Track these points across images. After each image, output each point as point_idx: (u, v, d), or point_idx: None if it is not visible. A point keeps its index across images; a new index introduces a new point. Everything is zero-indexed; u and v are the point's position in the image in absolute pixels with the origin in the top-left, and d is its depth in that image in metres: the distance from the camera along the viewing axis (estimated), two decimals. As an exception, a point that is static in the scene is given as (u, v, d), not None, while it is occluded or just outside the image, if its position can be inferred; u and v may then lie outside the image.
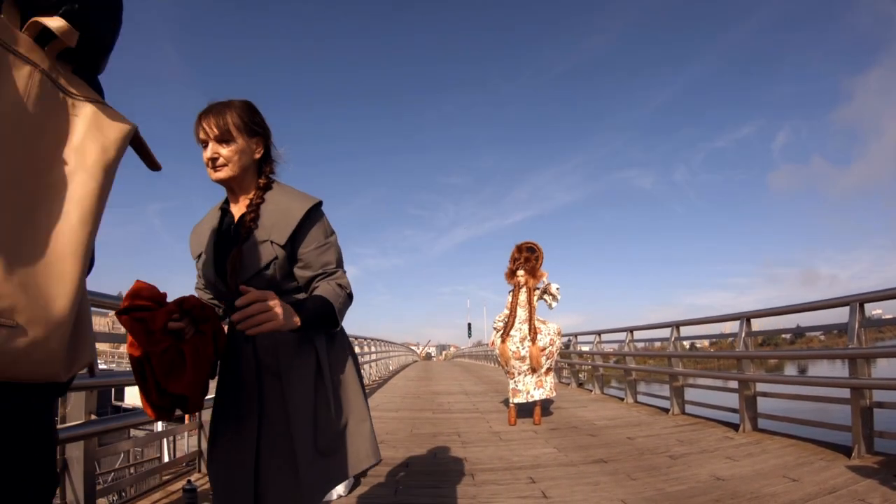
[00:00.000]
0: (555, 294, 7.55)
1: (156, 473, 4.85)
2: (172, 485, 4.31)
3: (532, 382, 7.44)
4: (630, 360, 10.24)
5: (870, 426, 4.92)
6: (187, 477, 4.42)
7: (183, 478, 4.44)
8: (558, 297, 7.56)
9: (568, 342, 13.82)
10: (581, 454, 5.50)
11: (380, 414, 8.72)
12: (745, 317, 6.85)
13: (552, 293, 7.55)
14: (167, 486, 4.31)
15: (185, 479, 4.20)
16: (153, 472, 4.96)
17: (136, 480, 4.87)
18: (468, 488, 4.31)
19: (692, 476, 4.55)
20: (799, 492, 3.98)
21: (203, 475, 4.67)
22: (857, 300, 5.21)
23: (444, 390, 13.46)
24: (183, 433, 6.74)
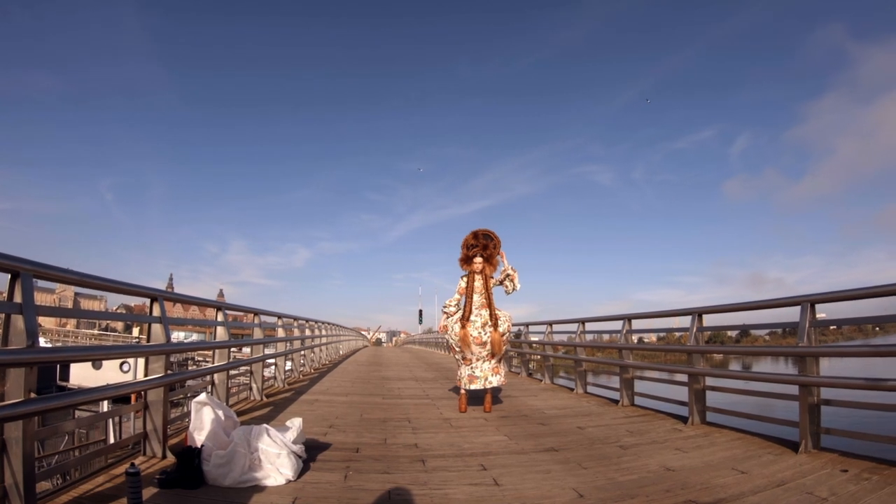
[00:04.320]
0: (516, 284, 7.52)
1: (100, 455, 4.67)
2: (116, 468, 4.14)
3: (490, 369, 7.42)
4: (581, 351, 10.28)
5: (817, 423, 5.00)
6: (131, 460, 4.26)
7: (127, 460, 4.27)
8: (518, 286, 7.54)
9: (519, 332, 13.83)
10: (532, 442, 5.49)
11: (329, 398, 8.63)
12: (697, 312, 6.88)
13: (514, 281, 7.53)
14: (111, 468, 4.14)
15: (129, 461, 4.04)
16: (98, 455, 4.79)
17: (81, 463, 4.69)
18: (419, 475, 4.26)
19: (643, 466, 4.57)
20: (748, 484, 4.02)
21: (148, 458, 4.52)
22: (808, 300, 5.28)
23: (394, 376, 13.40)
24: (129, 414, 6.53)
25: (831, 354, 5.65)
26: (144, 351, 4.84)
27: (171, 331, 4.91)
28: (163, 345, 4.78)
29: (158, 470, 4.04)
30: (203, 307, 7.44)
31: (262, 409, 7.29)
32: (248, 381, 8.57)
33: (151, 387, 4.60)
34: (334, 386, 10.61)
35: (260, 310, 9.04)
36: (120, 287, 4.64)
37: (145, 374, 4.72)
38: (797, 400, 5.14)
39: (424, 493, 3.81)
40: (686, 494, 3.80)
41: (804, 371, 5.13)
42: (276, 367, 10.51)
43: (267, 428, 4.22)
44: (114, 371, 19.45)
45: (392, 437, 5.65)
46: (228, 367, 6.72)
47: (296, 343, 11.91)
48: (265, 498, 3.65)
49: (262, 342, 8.90)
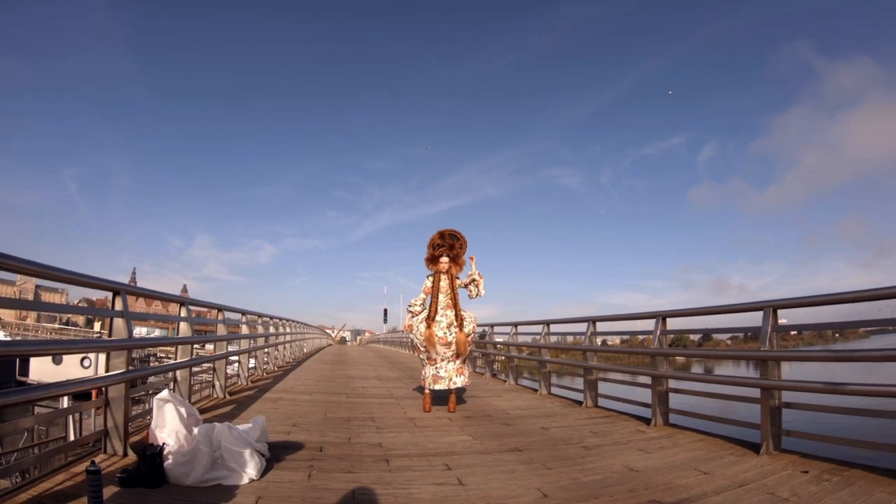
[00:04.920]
0: (480, 289, 7.51)
1: (61, 453, 4.55)
2: (77, 466, 4.03)
3: (454, 369, 7.40)
4: (545, 352, 10.29)
5: (778, 425, 5.07)
6: (92, 458, 4.14)
7: (88, 458, 4.15)
8: (482, 291, 7.53)
9: (484, 332, 13.82)
10: (496, 442, 5.48)
11: (293, 396, 8.55)
12: (660, 316, 6.95)
13: (479, 287, 7.51)
14: (71, 466, 4.03)
15: (89, 459, 3.93)
16: (58, 452, 4.66)
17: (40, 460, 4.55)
18: (383, 474, 4.23)
19: (606, 466, 4.59)
20: (710, 484, 4.06)
21: (109, 456, 4.40)
22: (770, 306, 5.36)
23: (358, 375, 13.33)
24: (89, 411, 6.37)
25: (792, 359, 5.77)
26: (105, 346, 4.72)
27: (133, 326, 4.80)
28: (124, 340, 4.67)
29: (119, 468, 3.93)
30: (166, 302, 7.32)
31: (225, 407, 7.19)
32: (211, 378, 8.44)
33: (112, 383, 4.49)
34: (298, 384, 10.51)
35: (224, 306, 8.92)
36: (82, 280, 4.51)
37: (106, 370, 4.60)
38: (759, 403, 5.21)
39: (389, 492, 3.77)
40: (649, 494, 3.81)
41: (766, 374, 5.19)
42: (240, 365, 10.37)
43: (230, 426, 4.15)
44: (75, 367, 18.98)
45: (356, 437, 5.59)
46: (191, 363, 6.59)
47: (260, 340, 11.79)
48: (228, 497, 3.58)
49: (226, 339, 8.78)
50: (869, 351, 4.61)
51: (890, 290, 4.61)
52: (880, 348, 4.54)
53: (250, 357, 10.97)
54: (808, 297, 5.39)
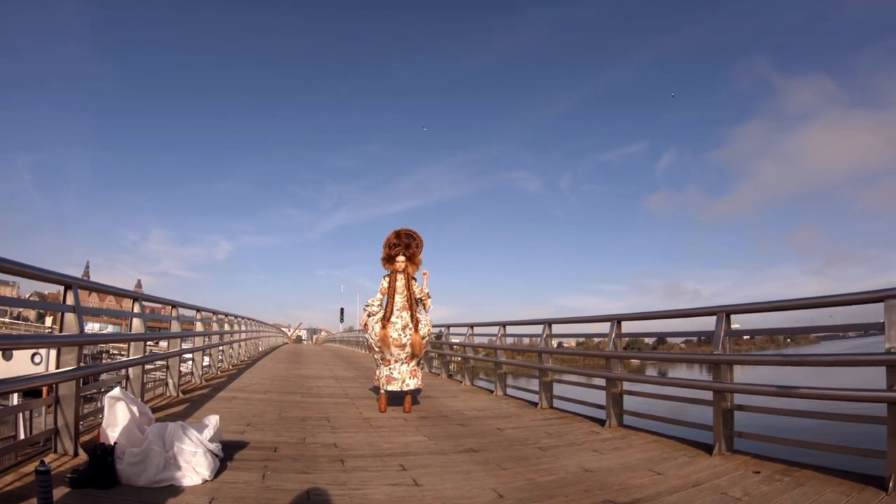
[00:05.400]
0: (427, 306, 7.50)
1: (9, 452, 4.39)
2: (26, 465, 3.88)
3: (408, 371, 7.35)
4: (501, 353, 10.29)
5: (730, 426, 5.15)
6: (42, 457, 3.99)
7: (37, 458, 4.00)
8: (429, 308, 7.52)
9: (440, 333, 13.80)
10: (452, 443, 5.47)
11: (247, 395, 8.42)
12: (616, 319, 7.00)
13: (426, 304, 7.50)
14: (20, 466, 3.88)
15: (39, 459, 3.77)
16: (6, 451, 4.47)
17: (-11, 460, 4.35)
18: (338, 474, 4.18)
19: (561, 467, 4.60)
20: (664, 484, 4.10)
21: (59, 456, 4.26)
22: (723, 311, 5.44)
23: (313, 374, 13.22)
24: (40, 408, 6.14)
25: (745, 362, 5.86)
26: (56, 341, 4.57)
27: (85, 321, 4.64)
28: (76, 336, 4.53)
29: (70, 468, 3.78)
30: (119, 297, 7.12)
31: (178, 406, 7.04)
32: (165, 376, 8.27)
33: (63, 380, 4.35)
34: (253, 383, 10.35)
35: (178, 302, 8.73)
36: (33, 273, 4.36)
37: (57, 367, 4.44)
38: (712, 405, 5.29)
39: (343, 493, 3.72)
40: (604, 495, 3.83)
41: (719, 377, 5.27)
42: (194, 363, 10.23)
43: (183, 425, 4.05)
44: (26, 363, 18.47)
45: (311, 437, 5.52)
46: (144, 360, 6.45)
47: (214, 338, 11.64)
48: (181, 498, 3.49)
49: (180, 336, 8.63)
50: (819, 356, 4.72)
51: (839, 298, 4.74)
52: (830, 353, 4.65)
53: (205, 355, 10.82)
54: (761, 303, 5.50)
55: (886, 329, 4.02)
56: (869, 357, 4.20)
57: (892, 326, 4.00)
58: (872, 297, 4.30)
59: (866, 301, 4.41)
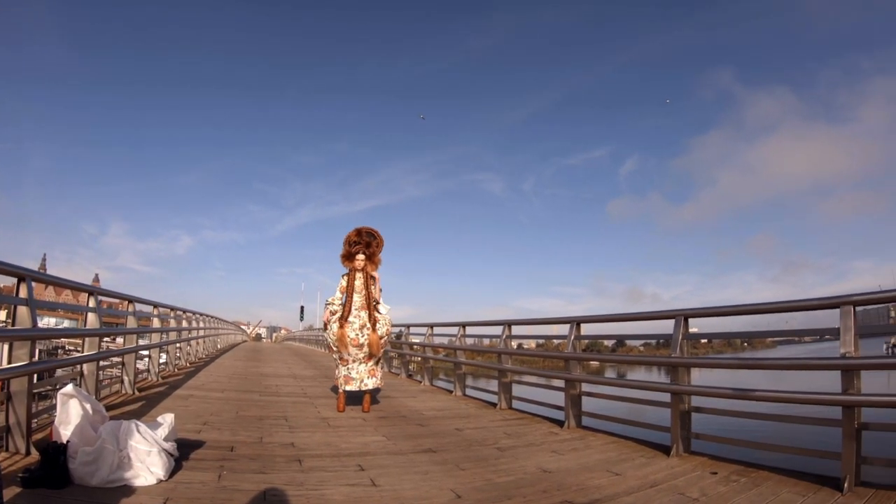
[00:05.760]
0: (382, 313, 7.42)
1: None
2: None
3: (366, 371, 7.27)
4: (461, 354, 10.28)
5: (688, 428, 5.21)
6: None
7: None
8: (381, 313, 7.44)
9: (400, 333, 13.75)
10: (410, 443, 5.43)
11: (205, 394, 8.28)
12: (575, 321, 7.03)
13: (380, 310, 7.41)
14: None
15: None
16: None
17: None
18: (295, 475, 4.10)
19: (520, 468, 4.59)
20: (622, 485, 4.12)
21: (10, 454, 4.11)
22: (682, 315, 5.50)
23: (272, 373, 13.08)
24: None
25: (702, 365, 5.91)
26: (8, 336, 4.39)
27: (38, 315, 4.48)
28: (28, 330, 4.41)
29: (21, 468, 3.65)
30: (76, 291, 6.88)
31: (133, 404, 6.89)
32: (121, 373, 8.08)
33: (14, 375, 4.21)
34: (210, 381, 10.18)
35: (135, 297, 8.54)
36: (-15, 264, 4.18)
37: (8, 362, 4.28)
38: (669, 407, 5.33)
39: (301, 493, 3.66)
40: (562, 495, 3.82)
41: (676, 380, 5.33)
42: (151, 360, 10.01)
43: (137, 424, 3.94)
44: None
45: (268, 436, 5.43)
46: (99, 356, 6.30)
47: (172, 335, 11.42)
48: (135, 499, 3.39)
49: (137, 332, 8.46)
50: (777, 359, 4.77)
51: (797, 304, 4.83)
52: (787, 357, 4.72)
53: (162, 352, 10.64)
54: (719, 307, 5.58)
55: (842, 334, 4.10)
56: (825, 361, 4.29)
57: (847, 332, 4.08)
58: (829, 304, 4.39)
59: (823, 307, 4.50)
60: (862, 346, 4.14)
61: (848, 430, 3.92)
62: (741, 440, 4.87)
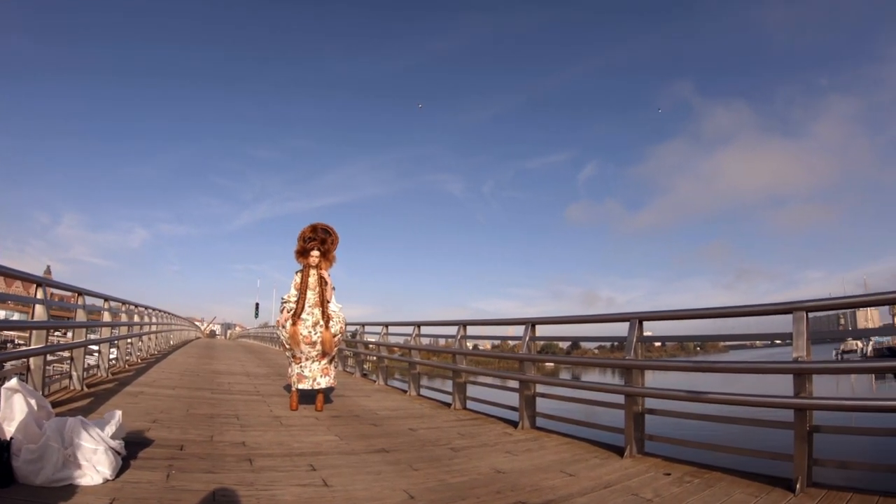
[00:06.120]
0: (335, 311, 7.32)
1: None
2: None
3: (319, 370, 7.16)
4: (415, 353, 10.26)
5: (641, 429, 5.25)
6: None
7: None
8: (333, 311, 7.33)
9: (355, 332, 13.65)
10: (363, 443, 5.36)
11: (155, 391, 8.08)
12: (530, 322, 7.05)
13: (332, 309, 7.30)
14: None
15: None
16: None
17: None
18: (246, 474, 4.01)
19: (473, 468, 4.57)
20: (576, 485, 4.13)
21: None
22: (636, 318, 5.56)
23: (225, 370, 12.89)
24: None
25: (656, 368, 5.99)
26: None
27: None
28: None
29: None
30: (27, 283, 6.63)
31: (81, 401, 6.68)
32: (69, 368, 7.85)
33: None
34: (162, 378, 9.96)
35: (86, 290, 8.29)
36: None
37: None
38: (623, 408, 5.36)
39: (251, 493, 3.57)
40: (516, 496, 3.81)
41: (630, 382, 5.38)
42: (100, 355, 9.77)
43: (83, 421, 3.80)
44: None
45: (219, 435, 5.31)
46: (46, 350, 6.10)
47: (123, 329, 11.21)
48: (81, 498, 3.26)
49: (86, 326, 8.25)
50: (732, 363, 4.85)
51: (750, 309, 4.91)
52: (742, 361, 4.78)
53: (112, 347, 10.40)
54: (673, 310, 5.65)
55: (794, 339, 4.19)
56: (778, 365, 4.35)
57: (799, 337, 4.16)
58: (782, 309, 4.48)
59: (776, 312, 4.59)
60: (813, 351, 4.22)
61: (800, 433, 4.00)
62: (694, 442, 4.93)
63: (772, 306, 4.67)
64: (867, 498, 3.69)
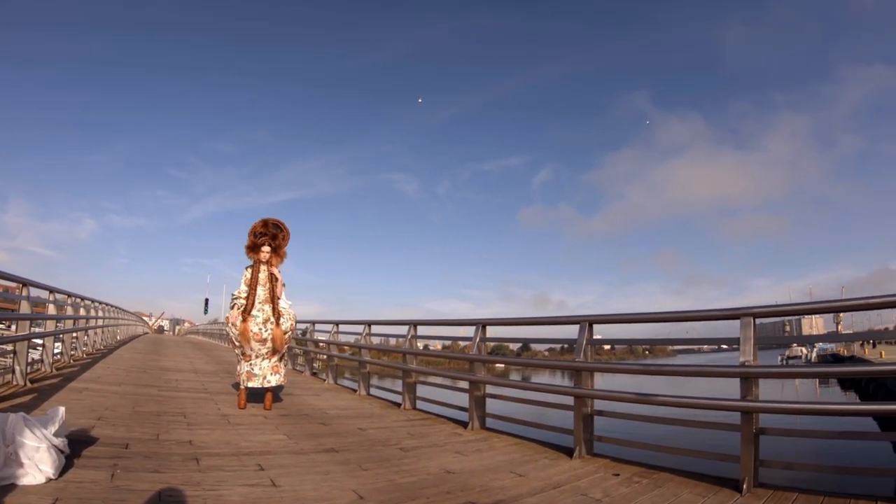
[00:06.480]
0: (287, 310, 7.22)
1: None
2: None
3: (269, 367, 7.06)
4: (366, 353, 10.20)
5: (590, 431, 5.30)
6: None
7: None
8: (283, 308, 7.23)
9: (305, 330, 13.50)
10: (312, 442, 5.32)
11: (101, 387, 7.85)
12: (481, 323, 7.06)
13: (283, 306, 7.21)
14: None
15: None
16: None
17: None
18: (192, 474, 3.93)
19: (423, 468, 4.57)
20: (526, 486, 4.15)
21: None
22: (586, 320, 5.62)
23: (173, 367, 12.64)
24: None
25: (605, 370, 6.06)
26: None
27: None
28: None
29: None
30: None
31: (24, 396, 6.48)
32: (11, 362, 7.59)
33: None
34: (108, 374, 9.72)
35: (30, 281, 7.99)
36: None
37: None
38: (573, 410, 5.40)
39: (197, 493, 3.50)
40: (465, 496, 3.81)
41: (580, 384, 5.41)
42: (45, 349, 9.47)
43: (25, 417, 3.67)
44: None
45: (165, 433, 5.20)
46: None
47: (69, 323, 10.85)
48: (22, 499, 3.15)
49: (31, 318, 7.97)
50: (681, 366, 4.92)
51: (699, 314, 5.03)
52: (688, 364, 4.87)
53: (57, 341, 10.17)
54: (623, 314, 5.75)
55: (742, 344, 4.29)
56: (726, 369, 4.43)
57: (746, 342, 4.27)
58: (730, 315, 4.57)
59: (724, 317, 4.68)
60: (759, 356, 4.32)
61: (746, 435, 4.09)
62: (643, 443, 4.99)
63: (720, 312, 4.76)
64: (812, 498, 3.78)
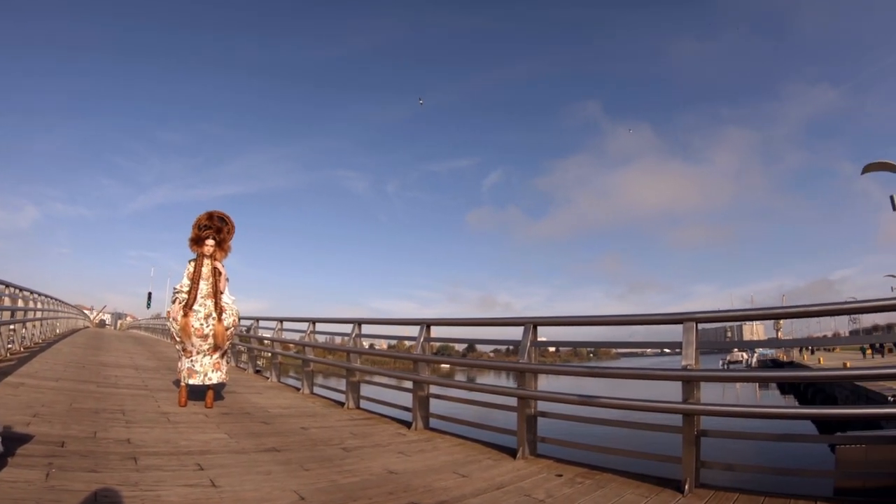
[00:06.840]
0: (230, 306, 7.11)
1: None
2: None
3: (210, 364, 6.93)
4: (310, 351, 10.12)
5: (534, 432, 5.35)
6: None
7: None
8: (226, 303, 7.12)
9: (249, 326, 13.31)
10: (253, 442, 5.24)
11: (37, 382, 7.60)
12: (425, 323, 7.06)
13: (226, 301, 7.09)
14: None
15: None
16: None
17: None
18: (130, 474, 3.82)
19: (365, 469, 4.54)
20: (469, 486, 4.16)
21: None
22: (531, 322, 5.68)
23: (113, 362, 12.34)
24: None
25: (549, 372, 6.12)
26: None
27: None
28: None
29: None
30: None
31: (-45, 391, 6.23)
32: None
33: None
34: (45, 369, 9.41)
35: (-41, 272, 7.59)
36: None
37: None
38: (516, 411, 5.44)
39: (135, 494, 3.40)
40: (409, 497, 3.81)
41: (524, 385, 5.46)
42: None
43: None
44: None
45: (103, 431, 5.05)
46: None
47: (5, 315, 10.54)
48: None
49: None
50: (625, 369, 4.97)
51: (643, 318, 5.14)
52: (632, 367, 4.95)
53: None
54: (567, 317, 5.84)
55: (684, 348, 4.37)
56: (668, 372, 4.53)
57: (689, 346, 4.36)
58: (673, 319, 4.67)
59: (668, 322, 4.78)
60: (701, 361, 4.42)
61: (688, 437, 4.18)
62: (586, 444, 5.06)
63: (664, 316, 4.86)
64: (753, 498, 3.88)
